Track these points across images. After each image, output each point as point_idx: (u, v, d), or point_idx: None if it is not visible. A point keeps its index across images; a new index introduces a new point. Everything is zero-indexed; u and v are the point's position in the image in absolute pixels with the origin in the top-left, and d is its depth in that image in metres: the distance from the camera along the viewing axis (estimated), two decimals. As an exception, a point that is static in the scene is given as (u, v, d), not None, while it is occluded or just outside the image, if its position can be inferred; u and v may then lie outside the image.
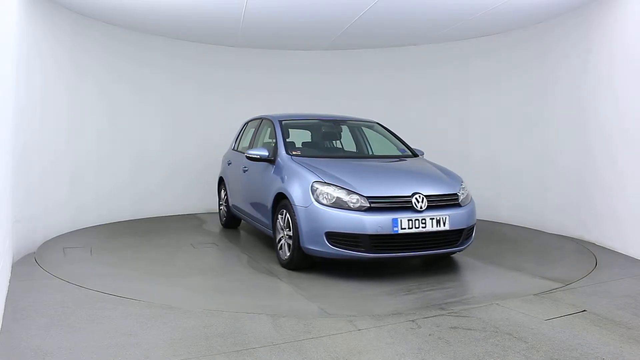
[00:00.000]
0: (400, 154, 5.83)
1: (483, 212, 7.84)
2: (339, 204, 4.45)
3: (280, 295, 4.19)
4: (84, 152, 6.85)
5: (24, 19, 5.36)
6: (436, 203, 4.60)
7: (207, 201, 8.33)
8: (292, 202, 4.69)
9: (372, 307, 3.82)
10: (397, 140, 6.02)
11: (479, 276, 4.80)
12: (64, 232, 6.38)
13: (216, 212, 7.86)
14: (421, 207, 4.47)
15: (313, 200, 4.54)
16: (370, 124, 6.28)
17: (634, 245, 5.40)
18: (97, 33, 7.02)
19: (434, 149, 8.18)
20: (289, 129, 5.96)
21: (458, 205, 4.74)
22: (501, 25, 7.12)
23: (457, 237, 4.68)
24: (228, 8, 6.33)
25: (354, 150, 6.21)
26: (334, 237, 4.42)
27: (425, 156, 5.98)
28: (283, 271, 4.82)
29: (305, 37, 7.83)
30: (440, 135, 8.26)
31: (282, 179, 4.99)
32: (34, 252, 5.38)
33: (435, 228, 4.48)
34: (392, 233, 4.35)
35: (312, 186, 4.60)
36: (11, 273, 4.49)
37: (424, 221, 4.44)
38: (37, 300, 3.82)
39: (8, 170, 4.24)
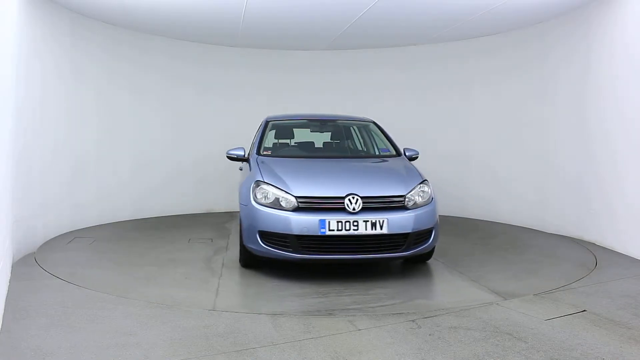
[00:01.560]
0: (381, 153, 5.71)
1: (483, 213, 7.87)
2: (276, 204, 4.42)
3: (199, 289, 4.26)
4: (84, 152, 6.86)
5: (24, 19, 5.36)
6: (374, 205, 4.38)
7: (207, 201, 8.35)
8: (239, 201, 4.79)
9: (268, 307, 3.82)
10: (386, 140, 5.86)
11: (422, 284, 4.49)
12: (64, 232, 6.38)
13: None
14: (354, 209, 4.29)
15: (252, 199, 4.56)
16: (365, 124, 6.20)
17: (633, 245, 5.40)
18: (96, 33, 7.02)
19: (434, 149, 8.21)
20: (295, 129, 6.09)
21: (404, 208, 4.47)
22: (501, 26, 7.12)
23: (402, 242, 4.42)
24: (228, 8, 6.33)
25: (336, 149, 6.09)
26: (266, 237, 4.43)
27: (422, 156, 5.94)
28: (234, 268, 4.91)
29: (305, 37, 7.83)
30: (441, 135, 8.26)
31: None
32: (34, 252, 5.38)
33: (370, 231, 4.25)
34: (319, 234, 4.24)
35: (252, 185, 4.64)
36: (11, 273, 4.49)
37: (355, 224, 4.24)
38: (37, 300, 3.82)
39: (8, 170, 4.24)
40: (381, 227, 4.28)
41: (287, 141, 6.11)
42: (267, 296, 4.17)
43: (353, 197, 4.33)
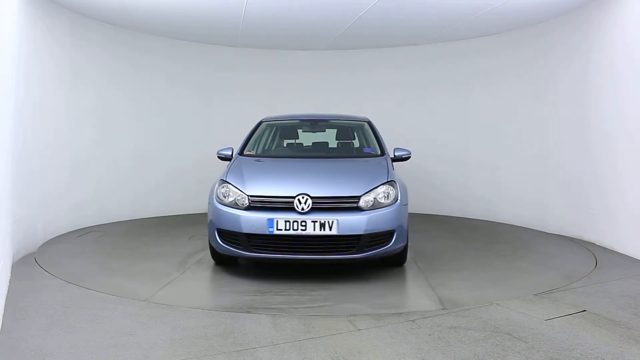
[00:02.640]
0: (365, 153, 5.60)
1: (483, 213, 7.87)
2: (233, 203, 4.50)
3: (150, 282, 4.40)
4: (84, 152, 6.86)
5: (24, 19, 5.36)
6: (324, 205, 4.30)
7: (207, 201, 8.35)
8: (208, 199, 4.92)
9: (195, 301, 3.95)
10: (374, 139, 5.71)
11: (371, 287, 4.29)
12: (64, 232, 6.38)
13: None
14: (302, 209, 4.26)
15: (214, 197, 4.68)
16: (360, 123, 6.09)
17: (633, 245, 5.40)
18: (96, 33, 7.03)
19: (434, 149, 8.21)
20: (287, 130, 6.16)
21: (357, 209, 4.36)
22: (501, 26, 7.12)
23: (353, 244, 4.30)
24: (228, 8, 6.33)
25: (321, 149, 6.03)
26: (223, 235, 4.53)
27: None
28: (206, 264, 5.03)
29: (305, 37, 7.83)
30: (441, 134, 8.26)
31: None
32: (34, 252, 5.38)
33: (318, 232, 4.20)
34: (268, 233, 4.26)
35: (217, 184, 4.77)
36: (11, 273, 4.49)
37: (304, 224, 4.21)
38: (37, 300, 3.82)
39: (8, 170, 4.24)
40: (330, 228, 4.22)
41: (278, 141, 6.16)
42: (206, 292, 4.37)
43: (303, 197, 4.29)
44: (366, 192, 4.43)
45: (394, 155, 5.46)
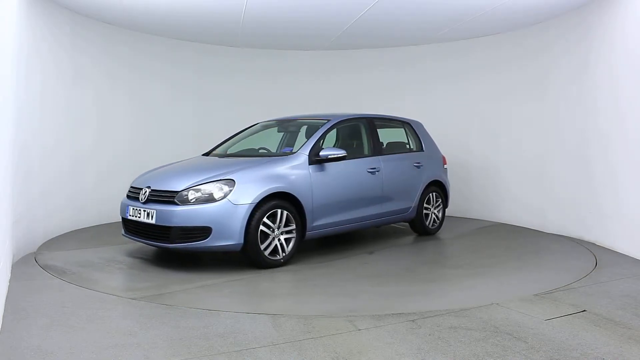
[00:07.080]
0: (281, 152, 5.68)
1: (482, 213, 7.86)
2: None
3: (66, 246, 5.51)
4: (84, 152, 6.85)
5: (24, 19, 5.36)
6: (154, 198, 4.87)
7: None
8: None
9: (52, 260, 4.82)
10: (309, 139, 5.51)
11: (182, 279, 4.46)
12: (64, 232, 6.38)
13: None
14: (141, 199, 4.92)
15: None
16: (321, 122, 5.79)
17: (633, 245, 5.40)
18: (96, 33, 7.02)
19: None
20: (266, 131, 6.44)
21: (175, 203, 4.68)
22: (501, 26, 7.12)
23: (167, 234, 4.68)
24: (228, 8, 6.33)
25: (258, 149, 6.13)
26: None
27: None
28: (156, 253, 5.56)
29: (305, 37, 7.84)
30: (441, 134, 8.24)
31: None
32: (34, 252, 5.38)
33: (146, 220, 4.82)
34: (126, 217, 5.07)
35: None
36: (11, 273, 4.49)
37: (139, 212, 4.90)
38: (37, 300, 3.82)
39: (8, 170, 4.23)
40: (152, 218, 4.77)
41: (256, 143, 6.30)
42: (117, 276, 4.70)
43: (144, 189, 4.98)
44: (187, 188, 4.74)
45: (319, 156, 5.22)
